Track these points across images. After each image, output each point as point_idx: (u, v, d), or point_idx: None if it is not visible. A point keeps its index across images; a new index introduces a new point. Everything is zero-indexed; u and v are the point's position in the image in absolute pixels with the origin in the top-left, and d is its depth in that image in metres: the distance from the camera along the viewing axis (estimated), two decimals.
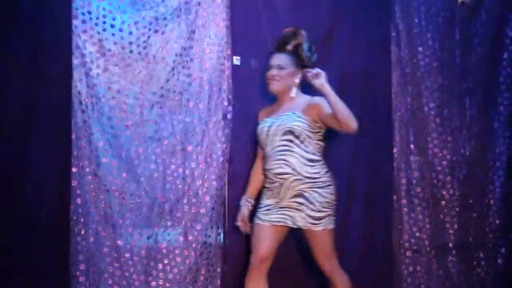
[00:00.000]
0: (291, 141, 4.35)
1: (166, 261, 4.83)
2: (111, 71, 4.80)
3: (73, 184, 4.71)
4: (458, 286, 5.35)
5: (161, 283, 4.81)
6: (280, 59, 4.46)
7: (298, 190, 4.32)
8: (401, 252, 5.29)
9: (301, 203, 4.31)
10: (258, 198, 4.73)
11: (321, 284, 4.82)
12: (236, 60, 4.94)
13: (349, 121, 4.15)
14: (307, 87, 4.41)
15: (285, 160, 4.35)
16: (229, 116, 4.90)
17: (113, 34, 4.81)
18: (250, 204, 4.66)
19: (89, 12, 4.76)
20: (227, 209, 4.93)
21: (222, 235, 4.92)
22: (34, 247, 4.64)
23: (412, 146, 5.33)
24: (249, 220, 4.64)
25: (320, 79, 4.21)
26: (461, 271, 5.38)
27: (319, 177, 4.34)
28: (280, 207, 4.37)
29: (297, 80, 4.48)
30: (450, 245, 5.38)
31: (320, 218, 4.32)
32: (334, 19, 5.15)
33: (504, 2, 5.52)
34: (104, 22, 4.79)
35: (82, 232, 4.72)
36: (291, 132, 4.34)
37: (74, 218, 4.71)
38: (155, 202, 4.82)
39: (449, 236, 5.38)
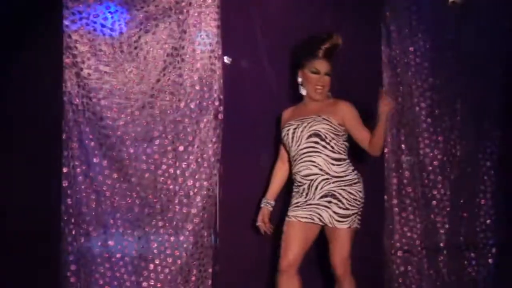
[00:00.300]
0: (316, 142, 4.45)
1: (157, 262, 4.81)
2: (102, 71, 4.78)
3: (64, 185, 4.69)
4: (449, 286, 5.35)
5: (152, 283, 4.79)
6: (327, 66, 4.58)
7: (326, 190, 4.40)
8: (392, 252, 5.30)
9: (330, 201, 4.38)
10: (278, 199, 4.79)
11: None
12: (227, 60, 4.94)
13: (379, 150, 4.51)
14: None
15: (311, 161, 4.44)
16: (220, 116, 4.89)
17: (104, 34, 4.80)
18: (270, 205, 4.74)
19: (80, 12, 4.74)
20: (218, 209, 4.92)
21: (213, 235, 4.90)
22: (25, 247, 4.62)
23: (403, 146, 5.33)
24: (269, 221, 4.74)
25: (388, 109, 4.33)
26: (452, 271, 5.38)
27: (346, 176, 4.44)
28: (308, 204, 4.43)
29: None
30: (441, 245, 5.38)
31: (346, 216, 4.39)
32: (325, 19, 5.14)
33: (496, 2, 5.52)
34: (95, 22, 4.77)
35: (73, 233, 4.71)
36: (316, 134, 4.45)
37: (65, 218, 4.69)
38: (146, 202, 4.80)
39: (440, 236, 5.38)
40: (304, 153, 4.46)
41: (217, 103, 4.90)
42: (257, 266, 4.98)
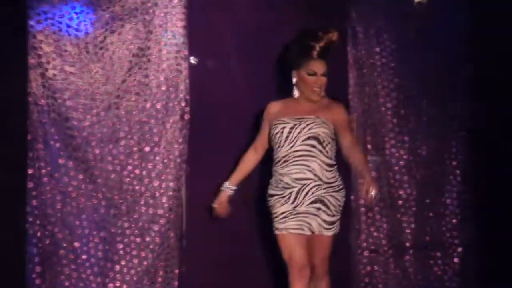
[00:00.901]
0: (313, 146, 4.33)
1: (123, 263, 4.78)
2: (68, 72, 4.75)
3: (29, 186, 4.67)
4: (415, 285, 5.39)
5: (118, 284, 4.78)
6: (324, 66, 4.43)
7: (316, 196, 4.31)
8: (358, 252, 5.32)
9: (319, 208, 4.31)
10: (240, 185, 4.68)
11: None
12: (193, 61, 4.93)
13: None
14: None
15: (306, 165, 4.32)
16: (186, 116, 4.88)
17: (70, 34, 4.77)
18: (231, 191, 4.60)
19: (45, 12, 4.71)
20: (184, 210, 4.91)
21: (179, 236, 4.90)
22: None
23: (369, 146, 5.36)
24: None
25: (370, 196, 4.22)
26: (418, 270, 5.42)
27: (334, 181, 4.39)
28: (297, 213, 4.32)
29: None
30: (407, 244, 5.41)
31: (333, 223, 4.36)
32: (291, 19, 5.14)
33: (461, 2, 5.56)
34: (60, 23, 4.75)
35: (38, 234, 4.68)
36: (315, 138, 4.33)
37: (30, 220, 4.66)
38: (112, 203, 4.78)
39: (406, 236, 5.41)
40: (299, 155, 4.32)
41: (183, 104, 4.89)
42: (224, 267, 4.98)
